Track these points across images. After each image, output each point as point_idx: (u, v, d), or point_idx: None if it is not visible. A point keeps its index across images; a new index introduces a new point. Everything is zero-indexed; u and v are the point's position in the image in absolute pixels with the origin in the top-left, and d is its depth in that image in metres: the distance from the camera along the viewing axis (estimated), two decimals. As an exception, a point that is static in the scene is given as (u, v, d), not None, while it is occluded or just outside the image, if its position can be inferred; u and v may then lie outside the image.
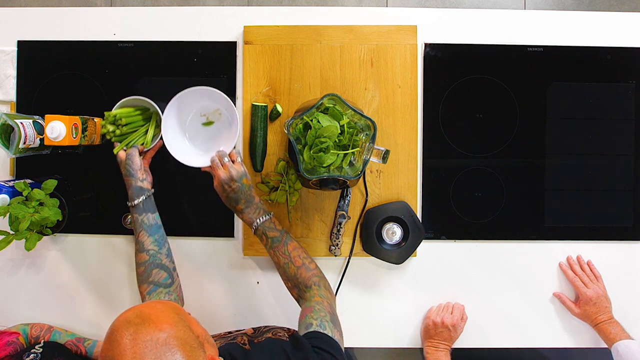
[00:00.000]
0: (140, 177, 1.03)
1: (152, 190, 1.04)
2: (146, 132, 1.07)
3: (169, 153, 1.17)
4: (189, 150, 1.10)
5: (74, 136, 0.99)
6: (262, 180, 1.15)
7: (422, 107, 1.18)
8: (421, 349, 1.16)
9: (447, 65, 1.18)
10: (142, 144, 1.06)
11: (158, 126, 1.08)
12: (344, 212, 1.13)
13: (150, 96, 1.09)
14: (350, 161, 1.00)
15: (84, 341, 1.13)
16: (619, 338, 1.06)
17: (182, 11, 1.18)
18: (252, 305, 1.17)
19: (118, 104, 1.06)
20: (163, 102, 1.06)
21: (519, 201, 1.18)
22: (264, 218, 0.99)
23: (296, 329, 0.86)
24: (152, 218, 1.02)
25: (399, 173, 1.16)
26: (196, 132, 1.12)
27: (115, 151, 1.05)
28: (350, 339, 1.17)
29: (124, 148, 1.05)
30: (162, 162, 1.17)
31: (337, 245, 1.14)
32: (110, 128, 1.04)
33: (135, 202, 1.01)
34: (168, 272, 1.00)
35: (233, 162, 1.02)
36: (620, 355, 1.03)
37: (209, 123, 1.11)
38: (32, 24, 1.18)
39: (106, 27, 1.18)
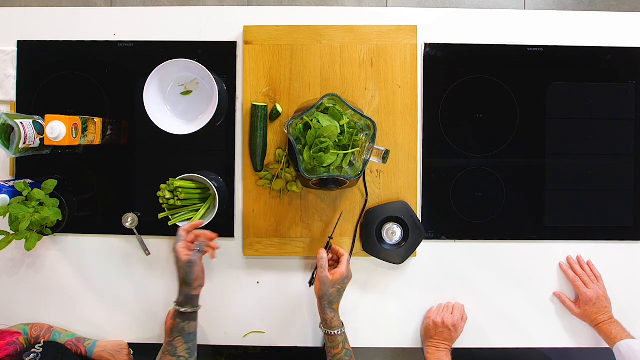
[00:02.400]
0: (195, 286, 0.98)
1: (199, 306, 1.02)
2: (197, 210, 1.08)
3: (169, 152, 1.17)
4: (171, 119, 1.12)
5: (74, 136, 0.99)
6: (260, 177, 1.15)
7: (422, 107, 1.18)
8: (422, 349, 1.16)
9: (447, 65, 1.18)
10: (189, 218, 1.06)
11: (210, 210, 1.09)
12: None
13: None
14: (350, 161, 1.00)
15: (84, 341, 1.13)
16: (620, 338, 1.05)
17: (182, 11, 1.18)
18: (252, 305, 1.17)
19: (182, 176, 1.06)
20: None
21: (519, 201, 1.18)
22: (344, 329, 1.02)
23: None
24: (192, 326, 1.00)
25: (399, 173, 1.16)
26: (177, 101, 1.13)
27: (170, 223, 1.05)
28: (350, 339, 1.17)
29: (193, 252, 0.99)
30: (162, 161, 1.17)
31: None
32: (168, 195, 1.04)
33: (182, 309, 0.98)
34: None
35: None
36: (622, 355, 1.03)
37: (187, 92, 1.13)
38: (32, 24, 1.18)
39: (106, 27, 1.18)
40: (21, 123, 0.99)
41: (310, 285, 1.12)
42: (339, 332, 1.00)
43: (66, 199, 1.09)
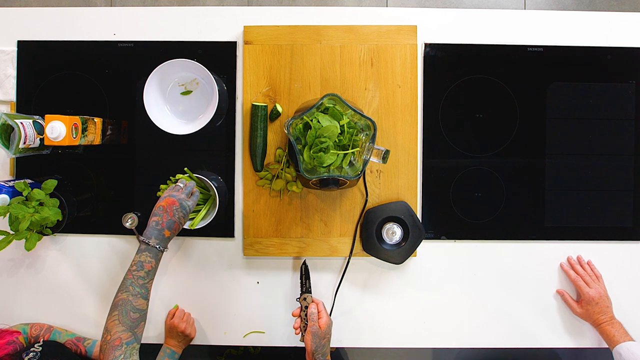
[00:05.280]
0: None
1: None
2: (197, 210, 1.07)
3: (169, 152, 1.17)
4: (171, 119, 1.12)
5: (74, 136, 0.99)
6: (260, 177, 1.15)
7: (422, 107, 1.18)
8: (421, 349, 1.16)
9: (447, 65, 1.18)
10: (190, 219, 1.05)
11: (210, 210, 1.09)
12: (307, 295, 1.08)
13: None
14: (350, 161, 1.00)
15: (83, 341, 1.13)
16: (622, 340, 1.05)
17: (182, 11, 1.18)
18: (252, 305, 1.17)
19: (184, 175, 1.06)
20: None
21: (519, 201, 1.18)
22: None
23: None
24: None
25: (399, 173, 1.16)
26: (177, 101, 1.13)
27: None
28: (350, 339, 1.17)
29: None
30: (162, 161, 1.17)
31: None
32: None
33: (165, 249, 0.91)
34: (144, 328, 0.90)
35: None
36: (623, 358, 1.03)
37: (187, 92, 1.13)
38: (32, 24, 1.18)
39: (106, 27, 1.18)
40: (21, 123, 0.99)
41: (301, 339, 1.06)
42: None
43: (66, 199, 1.09)
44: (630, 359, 1.02)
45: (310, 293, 1.09)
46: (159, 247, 0.89)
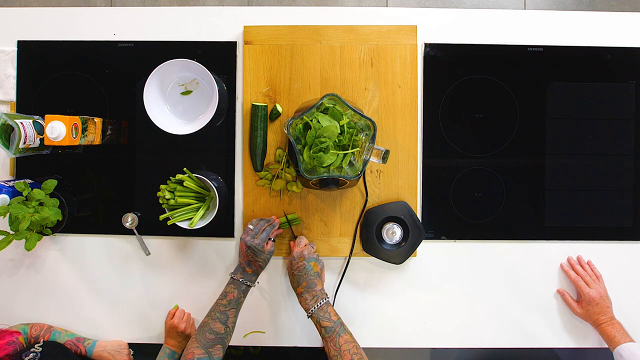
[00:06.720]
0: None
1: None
2: (197, 210, 1.07)
3: (169, 152, 1.17)
4: (171, 119, 1.12)
5: (74, 136, 0.99)
6: (260, 177, 1.15)
7: (422, 107, 1.18)
8: (421, 349, 1.16)
9: (447, 65, 1.18)
10: (189, 218, 1.06)
11: (210, 210, 1.09)
12: None
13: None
14: (350, 161, 1.00)
15: (83, 341, 1.13)
16: (622, 341, 1.05)
17: (182, 11, 1.18)
18: (252, 305, 1.17)
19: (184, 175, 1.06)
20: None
21: (519, 201, 1.18)
22: (320, 304, 1.01)
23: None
24: (242, 303, 1.04)
25: (399, 173, 1.16)
26: (177, 101, 1.13)
27: (169, 222, 1.05)
28: (350, 339, 1.17)
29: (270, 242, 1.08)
30: (162, 161, 1.17)
31: None
32: (168, 195, 1.04)
33: (250, 284, 1.04)
34: (223, 352, 0.99)
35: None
36: (624, 359, 1.03)
37: (187, 92, 1.13)
38: (32, 24, 1.18)
39: (106, 27, 1.18)
40: (21, 123, 0.99)
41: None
42: (309, 314, 1.01)
43: (66, 199, 1.09)
44: None
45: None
46: (242, 281, 1.03)
